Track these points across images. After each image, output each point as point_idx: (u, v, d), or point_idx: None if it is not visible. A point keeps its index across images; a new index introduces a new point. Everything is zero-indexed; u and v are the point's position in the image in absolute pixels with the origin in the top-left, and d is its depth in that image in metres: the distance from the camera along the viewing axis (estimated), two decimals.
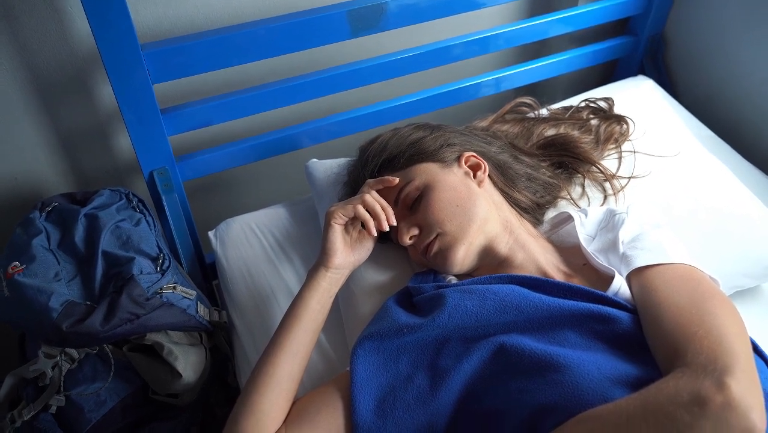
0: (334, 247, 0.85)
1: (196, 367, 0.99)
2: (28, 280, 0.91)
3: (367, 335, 0.80)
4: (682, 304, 0.70)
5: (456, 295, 0.79)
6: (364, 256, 0.90)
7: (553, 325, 0.74)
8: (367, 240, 0.89)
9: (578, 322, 0.74)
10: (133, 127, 1.00)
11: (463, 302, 0.77)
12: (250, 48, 1.03)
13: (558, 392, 0.66)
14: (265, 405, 0.76)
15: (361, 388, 0.76)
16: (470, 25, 1.37)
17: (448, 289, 0.82)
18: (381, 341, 0.79)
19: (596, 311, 0.73)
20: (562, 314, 0.74)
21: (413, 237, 0.87)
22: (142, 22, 1.08)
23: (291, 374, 0.79)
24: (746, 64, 1.32)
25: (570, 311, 0.74)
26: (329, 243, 0.85)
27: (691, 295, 0.71)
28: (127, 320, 0.91)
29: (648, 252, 0.80)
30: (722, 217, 1.04)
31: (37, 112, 1.11)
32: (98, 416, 0.95)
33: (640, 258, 0.79)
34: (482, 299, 0.77)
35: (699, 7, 1.38)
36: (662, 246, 0.81)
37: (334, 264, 0.85)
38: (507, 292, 0.78)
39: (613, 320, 0.73)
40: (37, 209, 1.02)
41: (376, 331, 0.80)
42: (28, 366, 0.94)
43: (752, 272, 1.04)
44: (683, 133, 1.18)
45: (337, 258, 0.85)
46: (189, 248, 1.14)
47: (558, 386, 0.66)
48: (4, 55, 1.02)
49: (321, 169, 1.11)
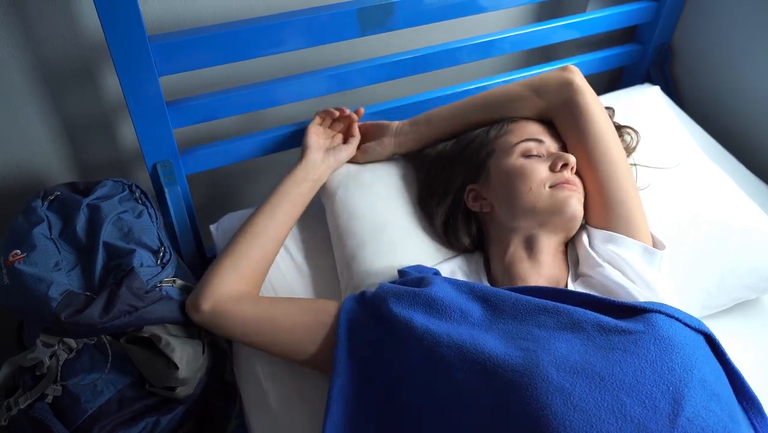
0: (309, 142, 1.04)
1: (192, 360, 0.99)
2: (28, 268, 0.90)
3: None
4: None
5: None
6: (344, 156, 1.07)
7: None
8: (341, 149, 1.06)
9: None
10: (138, 118, 1.00)
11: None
12: (258, 43, 1.03)
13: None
14: (243, 251, 0.92)
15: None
16: (478, 28, 1.37)
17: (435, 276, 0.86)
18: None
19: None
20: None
21: (574, 168, 0.92)
22: (151, 14, 1.08)
23: (266, 231, 0.95)
24: (753, 76, 1.32)
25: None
26: (306, 141, 1.05)
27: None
28: (125, 312, 0.91)
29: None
30: (724, 227, 1.04)
31: (42, 100, 1.11)
32: (95, 406, 0.95)
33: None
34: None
35: (707, 18, 1.38)
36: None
37: (309, 157, 1.03)
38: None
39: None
40: (39, 198, 1.02)
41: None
42: (26, 354, 0.94)
43: (753, 284, 1.04)
44: (687, 142, 1.17)
45: (312, 152, 1.03)
46: (190, 242, 1.14)
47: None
48: (11, 42, 1.02)
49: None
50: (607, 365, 0.67)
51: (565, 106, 0.95)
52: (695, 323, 0.74)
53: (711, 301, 1.03)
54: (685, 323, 0.73)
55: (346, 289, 0.99)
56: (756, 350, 1.01)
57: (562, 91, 0.96)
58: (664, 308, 0.74)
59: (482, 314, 0.78)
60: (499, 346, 0.71)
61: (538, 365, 0.67)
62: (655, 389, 0.65)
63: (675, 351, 0.68)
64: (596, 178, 0.91)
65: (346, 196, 1.03)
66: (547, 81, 0.98)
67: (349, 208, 1.02)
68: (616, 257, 0.86)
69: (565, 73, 0.97)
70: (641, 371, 0.66)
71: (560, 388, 0.65)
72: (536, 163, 0.92)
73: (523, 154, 0.93)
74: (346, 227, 1.00)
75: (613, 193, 0.90)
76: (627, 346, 0.69)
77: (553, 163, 0.91)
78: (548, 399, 0.64)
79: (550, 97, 0.97)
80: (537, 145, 0.94)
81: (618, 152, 0.93)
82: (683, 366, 0.67)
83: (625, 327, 0.71)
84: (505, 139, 0.96)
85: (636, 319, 0.73)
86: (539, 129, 0.97)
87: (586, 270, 0.88)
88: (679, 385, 0.65)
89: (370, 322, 0.83)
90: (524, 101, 0.99)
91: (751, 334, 1.04)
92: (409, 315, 0.78)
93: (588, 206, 0.93)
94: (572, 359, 0.68)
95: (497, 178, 0.94)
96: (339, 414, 0.77)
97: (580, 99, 0.94)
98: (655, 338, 0.69)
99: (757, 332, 1.05)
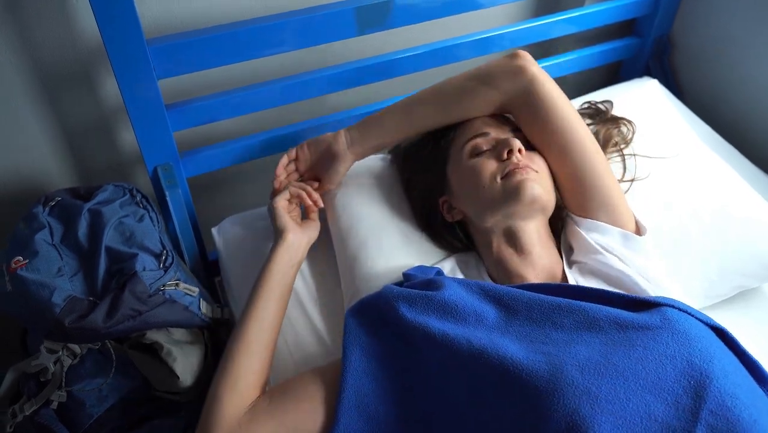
0: (283, 223, 0.95)
1: (195, 368, 0.99)
2: (30, 275, 0.90)
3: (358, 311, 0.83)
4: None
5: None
6: (314, 233, 1.00)
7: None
8: (312, 223, 1.00)
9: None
10: (138, 122, 1.00)
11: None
12: (257, 44, 1.02)
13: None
14: (239, 369, 0.81)
15: (351, 374, 0.77)
16: (476, 24, 1.36)
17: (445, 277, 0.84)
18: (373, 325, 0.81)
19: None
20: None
21: (522, 150, 0.88)
22: (148, 16, 1.07)
23: (260, 339, 0.85)
24: (753, 67, 1.31)
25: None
26: (280, 222, 0.95)
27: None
28: (129, 317, 0.91)
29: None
30: (725, 216, 1.04)
31: (41, 105, 1.10)
32: (100, 411, 0.95)
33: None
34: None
35: (706, 9, 1.37)
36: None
37: (288, 239, 0.93)
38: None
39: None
40: (40, 204, 1.02)
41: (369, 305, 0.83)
42: (30, 361, 0.94)
43: (754, 272, 1.04)
44: (687, 134, 1.17)
45: (290, 232, 0.94)
46: (192, 245, 1.14)
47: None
48: (8, 47, 1.01)
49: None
50: (629, 364, 0.66)
51: (523, 96, 0.91)
52: (705, 318, 0.74)
53: (713, 290, 1.03)
54: (697, 318, 0.73)
55: (347, 291, 0.98)
56: (760, 339, 1.01)
57: (517, 81, 0.91)
58: (677, 303, 0.74)
59: (496, 316, 0.77)
60: (519, 351, 0.70)
61: (562, 370, 0.66)
62: (676, 385, 0.65)
63: (693, 344, 0.67)
64: (568, 166, 0.90)
65: (346, 198, 1.03)
66: (496, 71, 0.93)
67: (349, 210, 1.02)
68: (605, 246, 0.86)
69: (517, 61, 0.91)
70: (662, 367, 0.66)
71: (587, 391, 0.64)
72: (485, 159, 0.89)
73: (472, 153, 0.91)
74: (347, 228, 1.00)
75: (587, 178, 0.89)
76: (646, 342, 0.68)
77: (498, 153, 0.88)
78: (576, 403, 0.63)
79: (505, 89, 0.92)
80: (484, 140, 0.92)
81: (587, 136, 0.91)
82: (702, 358, 0.66)
83: (642, 322, 0.71)
84: (455, 145, 0.95)
85: (650, 312, 0.72)
86: (482, 121, 0.94)
87: (581, 257, 0.88)
88: (700, 378, 0.65)
89: (374, 327, 0.81)
90: (477, 95, 0.94)
91: (752, 323, 1.05)
92: (424, 321, 0.76)
93: (565, 195, 0.92)
94: (594, 360, 0.67)
95: (457, 185, 0.93)
96: (347, 421, 0.76)
97: (538, 88, 0.90)
98: (672, 333, 0.69)
99: (758, 321, 1.05)
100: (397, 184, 1.05)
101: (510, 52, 0.94)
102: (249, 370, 0.82)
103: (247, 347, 0.83)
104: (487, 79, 0.93)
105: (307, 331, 0.99)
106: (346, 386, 0.76)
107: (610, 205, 0.89)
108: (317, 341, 0.98)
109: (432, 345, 0.75)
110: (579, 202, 0.91)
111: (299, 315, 1.01)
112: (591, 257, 0.87)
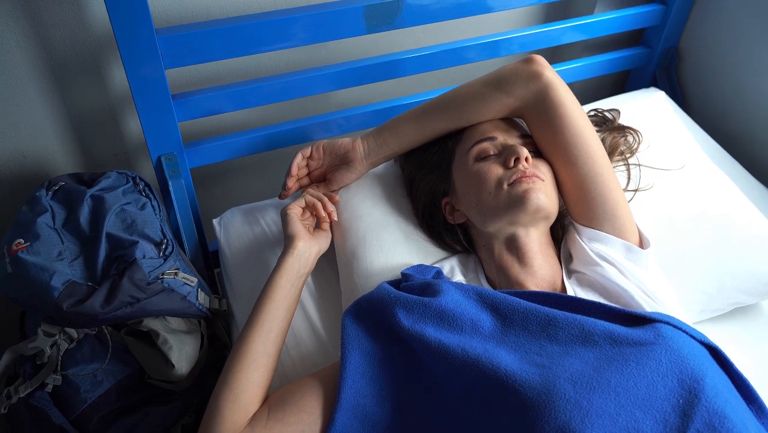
0: (295, 231, 0.92)
1: (190, 357, 1.00)
2: (31, 257, 0.91)
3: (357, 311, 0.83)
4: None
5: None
6: (325, 244, 0.98)
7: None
8: (323, 233, 0.98)
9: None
10: (144, 111, 1.00)
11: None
12: (265, 38, 1.03)
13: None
14: (242, 382, 0.79)
15: (350, 375, 0.77)
16: (485, 27, 1.37)
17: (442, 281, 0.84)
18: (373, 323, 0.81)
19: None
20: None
21: (528, 159, 0.88)
22: (158, 6, 1.08)
23: (265, 352, 0.83)
24: (759, 80, 1.31)
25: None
26: (291, 229, 0.93)
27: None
28: (127, 303, 0.91)
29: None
30: (725, 232, 1.04)
31: (48, 91, 1.11)
32: (94, 396, 0.95)
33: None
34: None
35: (714, 23, 1.38)
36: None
37: (299, 247, 0.91)
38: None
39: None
40: (43, 188, 1.02)
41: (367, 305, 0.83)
42: (27, 343, 0.94)
43: (753, 288, 1.04)
44: (691, 146, 1.17)
45: (300, 240, 0.92)
46: (192, 235, 1.14)
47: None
48: (18, 32, 1.02)
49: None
50: (621, 380, 0.67)
51: (537, 102, 0.90)
52: (699, 336, 0.74)
53: (710, 304, 1.03)
54: (691, 335, 0.73)
55: (345, 288, 0.98)
56: (754, 354, 1.01)
57: (532, 85, 0.90)
58: (671, 320, 0.74)
59: (492, 325, 0.77)
60: (513, 361, 0.71)
61: (555, 383, 0.67)
62: (665, 403, 0.65)
63: (685, 363, 0.68)
64: (576, 175, 0.89)
65: (348, 195, 1.03)
66: (510, 76, 0.91)
67: (350, 207, 1.02)
68: (606, 256, 0.86)
69: (532, 65, 0.90)
70: (653, 384, 0.66)
71: (578, 405, 0.64)
72: (491, 164, 0.89)
73: (478, 157, 0.91)
74: (347, 225, 1.00)
75: (595, 188, 0.88)
76: (639, 358, 0.68)
77: (505, 160, 0.88)
78: (567, 417, 0.64)
79: (520, 94, 0.91)
80: (491, 144, 0.91)
81: (597, 146, 0.90)
82: (693, 377, 0.67)
83: (636, 338, 0.71)
84: (462, 146, 0.95)
85: (645, 328, 0.73)
86: (490, 126, 0.94)
87: (581, 267, 0.88)
88: (689, 397, 0.65)
89: (372, 331, 0.81)
90: (491, 102, 0.93)
91: (749, 339, 1.04)
92: (420, 329, 0.76)
93: (571, 204, 0.92)
94: (587, 374, 0.67)
95: (461, 188, 0.93)
96: (344, 422, 0.77)
97: (552, 94, 0.89)
98: (666, 350, 0.69)
99: (756, 338, 1.05)
100: (400, 183, 1.06)
101: (524, 56, 0.93)
102: (252, 383, 0.80)
103: (253, 359, 0.81)
104: (501, 86, 0.92)
105: (304, 328, 0.99)
106: (344, 387, 0.76)
107: (615, 217, 0.88)
108: (315, 339, 0.98)
109: (428, 353, 0.75)
110: (584, 211, 0.90)
111: (297, 313, 1.01)
112: (590, 268, 0.87)
